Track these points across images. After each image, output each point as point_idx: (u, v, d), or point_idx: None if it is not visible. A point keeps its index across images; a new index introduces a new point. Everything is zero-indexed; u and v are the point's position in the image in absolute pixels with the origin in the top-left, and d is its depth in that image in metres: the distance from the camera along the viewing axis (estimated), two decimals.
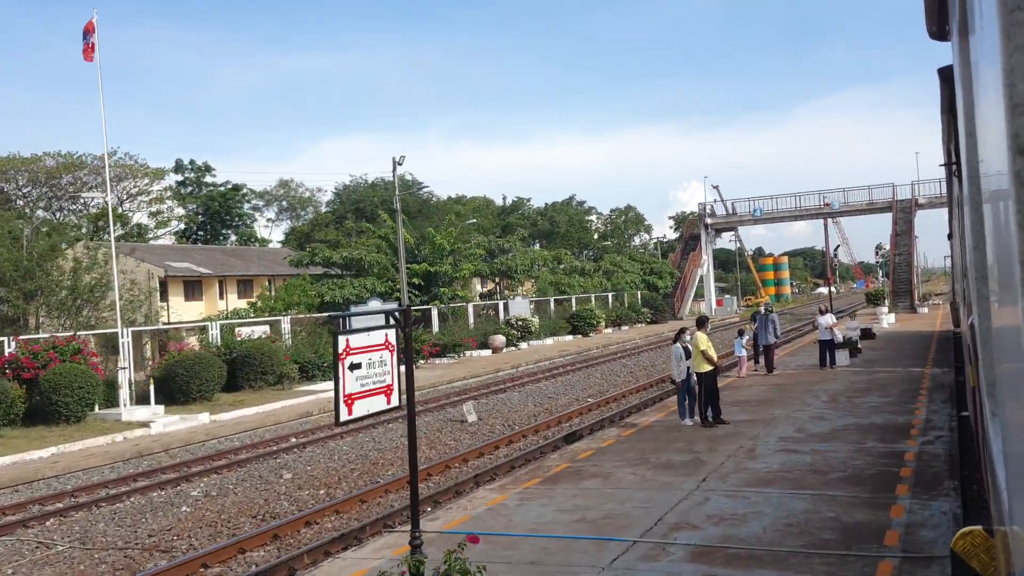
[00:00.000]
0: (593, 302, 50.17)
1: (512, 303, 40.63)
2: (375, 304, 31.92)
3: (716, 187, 64.76)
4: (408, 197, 73.66)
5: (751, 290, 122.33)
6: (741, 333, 22.13)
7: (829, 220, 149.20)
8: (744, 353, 21.85)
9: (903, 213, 56.12)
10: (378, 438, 17.93)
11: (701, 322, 14.70)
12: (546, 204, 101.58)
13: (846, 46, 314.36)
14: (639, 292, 57.64)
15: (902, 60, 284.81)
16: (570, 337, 44.01)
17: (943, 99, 9.48)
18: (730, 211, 64.84)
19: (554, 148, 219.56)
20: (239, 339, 24.68)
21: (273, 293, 37.00)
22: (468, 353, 35.07)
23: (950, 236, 22.83)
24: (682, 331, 15.04)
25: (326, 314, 30.71)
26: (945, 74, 8.27)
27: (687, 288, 62.41)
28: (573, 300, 47.62)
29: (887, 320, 38.46)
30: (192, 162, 64.78)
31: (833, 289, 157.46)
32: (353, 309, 31.17)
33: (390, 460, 15.37)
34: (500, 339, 36.21)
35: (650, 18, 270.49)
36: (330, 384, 25.59)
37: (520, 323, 37.22)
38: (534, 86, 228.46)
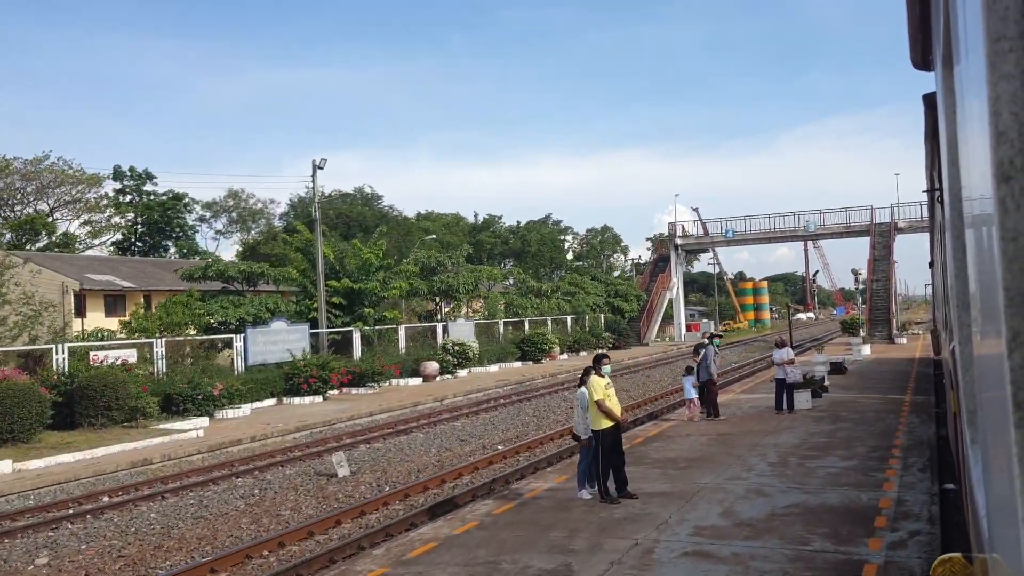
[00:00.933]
0: (550, 325, 46.49)
1: (453, 325, 36.85)
2: (279, 325, 28.11)
3: (695, 209, 61.47)
4: (365, 211, 70.08)
5: (730, 314, 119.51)
6: (690, 370, 18.52)
7: (811, 245, 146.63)
8: (694, 395, 18.24)
9: (881, 237, 53.00)
10: (210, 500, 14.10)
11: (597, 361, 11.02)
12: (518, 222, 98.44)
13: (830, 74, 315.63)
14: (602, 316, 54.07)
15: (885, 89, 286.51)
16: (519, 363, 40.26)
17: (927, 126, 9.08)
18: (701, 231, 61.64)
19: (542, 169, 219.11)
20: (96, 365, 20.81)
21: (146, 312, 33.07)
22: (395, 382, 31.27)
23: (931, 264, 22.07)
24: (586, 372, 11.37)
25: (214, 336, 26.87)
26: (930, 100, 7.97)
27: (654, 312, 58.89)
28: (526, 323, 43.90)
29: (862, 352, 35.05)
30: (132, 169, 60.77)
31: (812, 315, 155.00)
32: (250, 330, 27.40)
33: (193, 539, 11.56)
34: (433, 366, 32.44)
35: (639, 44, 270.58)
36: (201, 421, 21.78)
37: (456, 348, 33.43)
38: (524, 108, 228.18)
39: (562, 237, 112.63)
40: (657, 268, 62.84)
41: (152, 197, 60.77)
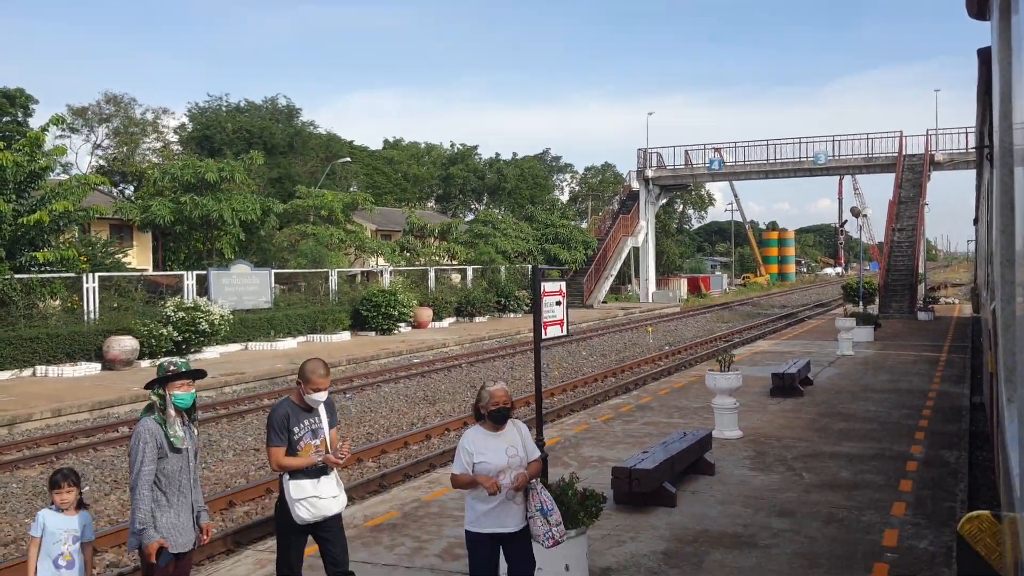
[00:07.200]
0: (431, 278, 33.39)
1: (221, 275, 23.89)
2: None
3: (718, 149, 46.78)
4: (272, 127, 56.81)
5: (751, 267, 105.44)
6: None
7: (850, 189, 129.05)
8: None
9: (911, 172, 38.65)
10: None
11: None
12: (497, 155, 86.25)
13: (880, 23, 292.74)
14: (530, 267, 40.82)
15: (936, 40, 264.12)
16: (347, 336, 27.34)
17: (980, 81, 9.26)
18: (675, 162, 47.71)
19: (584, 113, 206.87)
20: None
21: None
22: (37, 370, 18.64)
23: (976, 220, 21.26)
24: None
25: None
26: (984, 55, 8.04)
27: (607, 264, 45.31)
28: (384, 274, 30.81)
29: (854, 339, 21.50)
30: None
31: (840, 271, 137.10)
32: None
33: None
34: (125, 344, 19.65)
35: None
36: None
37: (181, 316, 20.61)
38: (567, 50, 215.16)
39: (560, 176, 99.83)
40: (623, 210, 49.11)
41: None
